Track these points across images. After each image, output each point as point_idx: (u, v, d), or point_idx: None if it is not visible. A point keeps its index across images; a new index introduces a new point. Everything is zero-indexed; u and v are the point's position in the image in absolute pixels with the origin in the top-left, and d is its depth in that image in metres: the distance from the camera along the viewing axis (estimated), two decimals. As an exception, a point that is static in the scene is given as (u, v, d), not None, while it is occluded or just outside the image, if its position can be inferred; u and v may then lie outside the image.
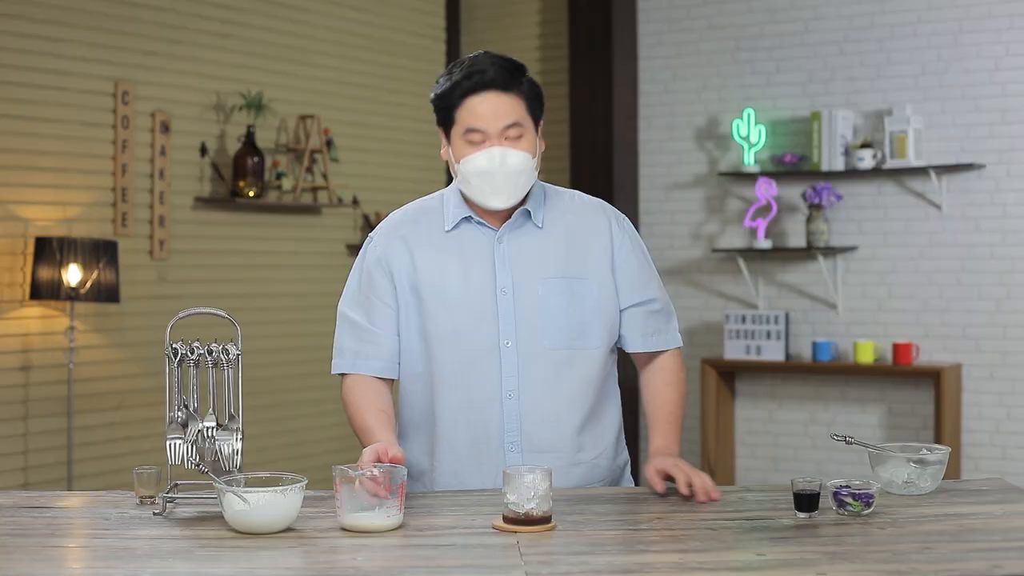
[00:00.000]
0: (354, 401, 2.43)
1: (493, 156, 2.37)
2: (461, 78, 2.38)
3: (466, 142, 2.39)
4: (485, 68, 2.38)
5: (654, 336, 2.52)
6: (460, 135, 2.40)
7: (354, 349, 2.46)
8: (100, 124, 5.02)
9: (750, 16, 6.17)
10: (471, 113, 2.37)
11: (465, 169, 2.39)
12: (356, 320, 2.47)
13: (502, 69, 2.39)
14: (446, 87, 2.40)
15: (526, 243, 2.46)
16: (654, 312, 2.52)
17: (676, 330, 2.57)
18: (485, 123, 2.37)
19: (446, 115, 2.42)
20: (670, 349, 2.55)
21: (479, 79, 2.37)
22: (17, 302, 4.72)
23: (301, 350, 5.84)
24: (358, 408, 2.41)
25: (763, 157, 6.11)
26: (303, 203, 5.77)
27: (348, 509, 2.05)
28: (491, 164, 2.37)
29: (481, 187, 2.39)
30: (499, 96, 2.38)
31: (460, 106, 2.38)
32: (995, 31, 5.58)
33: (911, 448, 2.35)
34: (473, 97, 2.37)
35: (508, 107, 2.38)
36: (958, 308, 5.68)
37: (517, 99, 2.40)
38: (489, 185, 2.38)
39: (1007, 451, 5.58)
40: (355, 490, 2.05)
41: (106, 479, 4.98)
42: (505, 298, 2.42)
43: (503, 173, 2.37)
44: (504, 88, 2.38)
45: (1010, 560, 1.84)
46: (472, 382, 2.41)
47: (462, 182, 2.42)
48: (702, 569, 1.82)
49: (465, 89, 2.37)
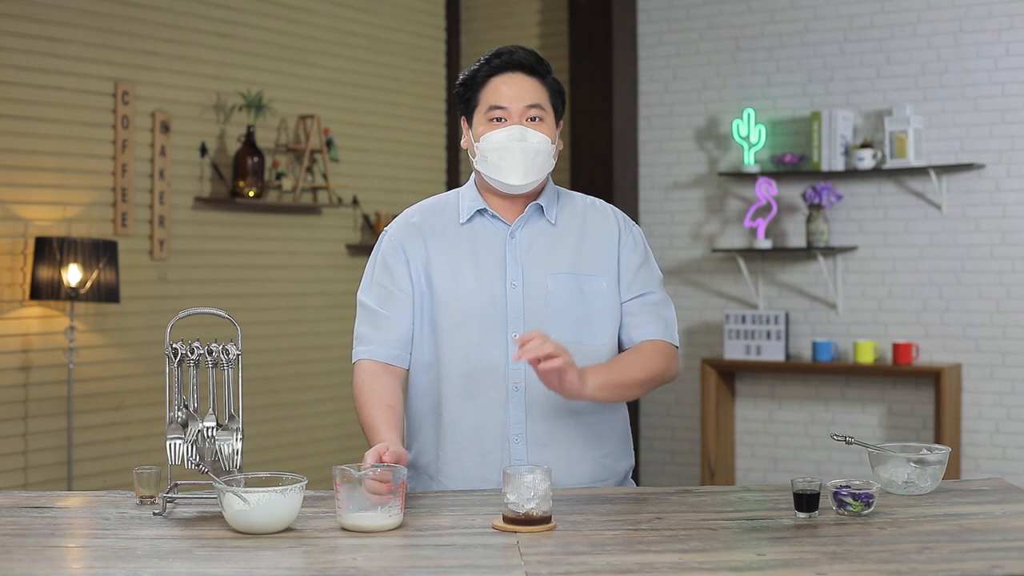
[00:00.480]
0: (363, 393, 2.43)
1: (513, 132, 2.41)
2: (490, 57, 2.46)
3: (488, 120, 2.44)
4: (514, 50, 2.46)
5: (646, 327, 2.49)
6: (482, 114, 2.45)
7: (368, 336, 2.48)
8: (100, 124, 5.02)
9: (750, 16, 6.17)
10: (495, 92, 2.43)
11: (484, 146, 2.43)
12: (370, 306, 2.50)
13: (531, 55, 2.47)
14: (473, 68, 2.48)
15: (538, 239, 2.48)
16: (650, 304, 2.51)
17: (672, 328, 2.53)
18: (508, 100, 2.42)
19: (471, 97, 2.47)
20: (660, 339, 2.49)
21: (507, 58, 2.45)
22: (17, 302, 4.72)
23: (301, 350, 5.84)
24: (366, 402, 2.41)
25: (763, 157, 6.11)
26: (303, 203, 5.77)
27: (348, 509, 2.05)
28: (510, 139, 2.41)
29: (498, 163, 2.42)
30: (525, 78, 2.45)
31: (485, 85, 2.45)
32: (995, 31, 5.58)
33: (911, 448, 2.35)
34: (499, 76, 2.44)
35: (532, 89, 2.44)
36: (958, 308, 5.68)
37: (541, 85, 2.46)
38: (506, 160, 2.41)
39: (1007, 451, 5.58)
40: (356, 490, 2.05)
41: (106, 479, 4.98)
42: (515, 292, 2.44)
43: (521, 148, 2.41)
44: (530, 71, 2.45)
45: (1010, 560, 1.84)
46: (479, 374, 2.43)
47: (480, 161, 2.45)
48: (702, 569, 1.82)
49: (494, 67, 2.45)
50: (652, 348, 2.47)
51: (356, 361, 2.48)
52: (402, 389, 2.49)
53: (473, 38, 6.96)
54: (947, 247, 5.69)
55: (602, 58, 6.32)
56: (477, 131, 2.45)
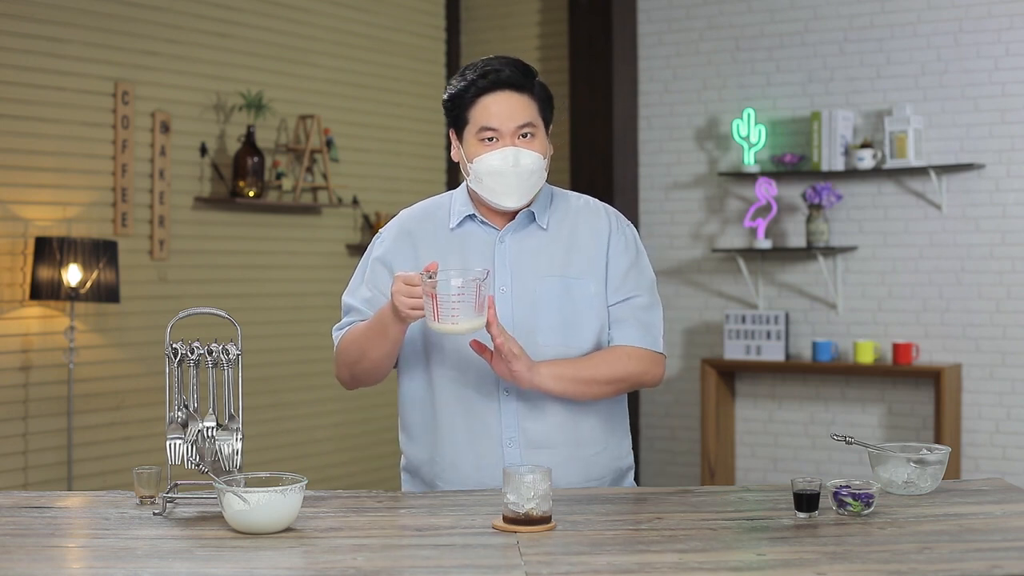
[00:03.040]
0: (348, 334, 2.47)
1: (507, 156, 2.39)
2: (476, 77, 2.42)
3: (479, 140, 2.42)
4: (500, 68, 2.42)
5: (625, 333, 2.46)
6: (473, 134, 2.42)
7: (351, 322, 2.51)
8: (100, 124, 5.02)
9: (750, 16, 6.17)
10: (485, 112, 2.41)
11: (478, 168, 2.41)
12: (356, 306, 2.51)
13: (516, 70, 2.43)
14: (460, 87, 2.43)
15: (528, 243, 2.48)
16: (634, 309, 2.48)
17: (655, 333, 2.49)
18: (499, 122, 2.40)
19: (459, 115, 2.44)
20: (637, 346, 2.46)
21: (494, 78, 2.41)
22: (17, 302, 4.72)
23: (301, 350, 5.84)
24: (355, 328, 2.46)
25: (763, 157, 6.11)
26: (303, 203, 5.77)
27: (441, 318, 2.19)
28: (504, 164, 2.39)
29: (493, 187, 2.41)
30: (513, 96, 2.41)
31: (474, 105, 2.42)
32: (995, 31, 5.58)
33: (911, 448, 2.35)
34: (487, 96, 2.41)
35: (522, 107, 2.42)
36: (958, 308, 5.68)
37: (530, 100, 2.44)
38: (501, 185, 2.41)
39: (1007, 451, 5.58)
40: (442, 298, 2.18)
41: (106, 479, 4.98)
42: (503, 296, 2.43)
43: (515, 173, 2.40)
44: (518, 88, 2.42)
45: (1010, 560, 1.84)
46: (470, 380, 2.43)
47: (474, 181, 2.44)
48: (702, 569, 1.82)
49: (480, 88, 2.41)
50: (624, 351, 2.45)
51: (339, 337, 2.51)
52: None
53: (473, 38, 6.95)
54: (947, 247, 5.69)
55: (602, 58, 6.32)
56: (469, 151, 2.43)
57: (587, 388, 2.41)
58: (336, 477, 5.95)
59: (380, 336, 2.38)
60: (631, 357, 2.45)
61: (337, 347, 2.50)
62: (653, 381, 2.50)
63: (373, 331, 2.39)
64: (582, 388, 2.40)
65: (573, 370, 2.39)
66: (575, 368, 2.40)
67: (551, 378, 2.36)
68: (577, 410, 2.45)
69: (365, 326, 2.43)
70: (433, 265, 2.22)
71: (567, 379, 2.38)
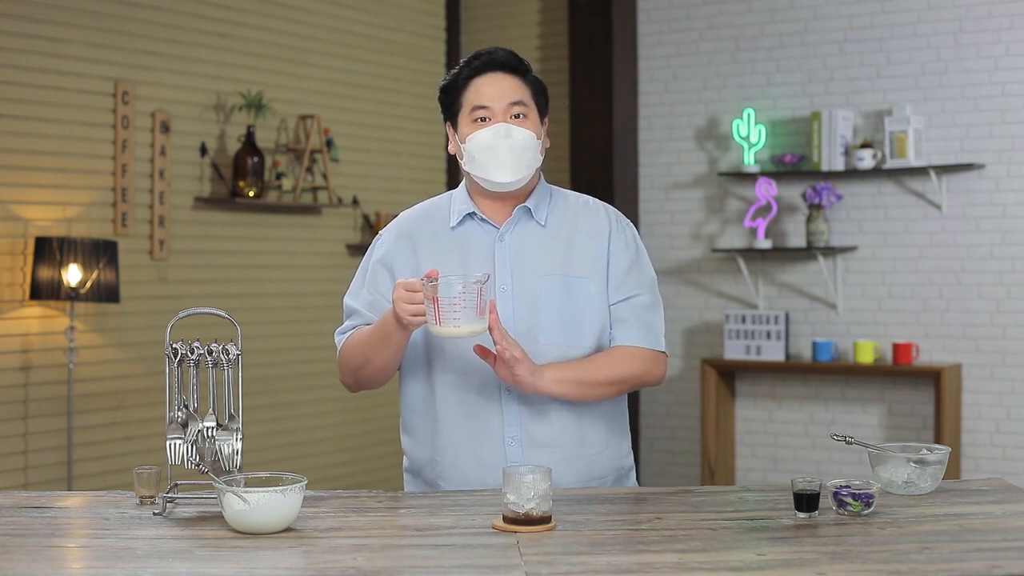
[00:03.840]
0: (351, 339, 2.47)
1: (498, 131, 2.42)
2: (469, 59, 2.48)
3: (472, 121, 2.45)
4: (492, 51, 2.47)
5: (627, 332, 2.46)
6: (466, 116, 2.45)
7: (353, 326, 2.51)
8: (100, 124, 5.02)
9: (750, 16, 6.17)
10: (477, 92, 2.44)
11: (470, 146, 2.43)
12: (358, 309, 2.52)
13: (510, 54, 2.48)
14: (454, 73, 2.49)
15: (527, 241, 2.48)
16: (636, 308, 2.48)
17: (656, 333, 2.49)
18: (491, 99, 2.43)
19: (453, 101, 2.48)
20: (638, 346, 2.46)
21: (486, 59, 2.46)
22: (17, 302, 4.72)
23: (301, 350, 5.84)
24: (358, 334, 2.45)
25: (763, 157, 6.11)
26: (303, 203, 5.77)
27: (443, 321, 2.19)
28: (496, 138, 2.41)
29: (485, 163, 2.42)
30: (505, 76, 2.46)
31: (467, 88, 2.46)
32: (995, 31, 5.58)
33: (911, 448, 2.35)
34: (480, 77, 2.45)
35: (513, 87, 2.45)
36: (958, 308, 5.68)
37: (522, 83, 2.47)
38: (493, 159, 2.41)
39: (1007, 451, 5.58)
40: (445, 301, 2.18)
41: (106, 479, 4.98)
42: (504, 295, 2.43)
43: (508, 146, 2.41)
44: (511, 70, 2.46)
45: (1010, 560, 1.84)
46: (471, 379, 2.43)
47: (468, 162, 2.45)
48: (702, 569, 1.82)
49: (473, 68, 2.46)
50: (627, 351, 2.45)
51: (342, 342, 2.51)
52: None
53: (473, 38, 6.95)
54: (947, 247, 5.69)
55: (602, 58, 6.32)
56: (463, 133, 2.46)
57: (590, 390, 2.41)
58: (336, 477, 5.95)
59: (383, 343, 2.38)
60: (633, 357, 2.45)
61: (340, 352, 2.50)
62: (655, 380, 2.50)
63: (376, 337, 2.40)
64: (585, 391, 2.41)
65: (576, 373, 2.39)
66: (578, 371, 2.40)
67: (554, 382, 2.37)
68: (580, 410, 2.45)
69: (368, 332, 2.43)
70: (434, 272, 2.23)
71: (570, 382, 2.38)
